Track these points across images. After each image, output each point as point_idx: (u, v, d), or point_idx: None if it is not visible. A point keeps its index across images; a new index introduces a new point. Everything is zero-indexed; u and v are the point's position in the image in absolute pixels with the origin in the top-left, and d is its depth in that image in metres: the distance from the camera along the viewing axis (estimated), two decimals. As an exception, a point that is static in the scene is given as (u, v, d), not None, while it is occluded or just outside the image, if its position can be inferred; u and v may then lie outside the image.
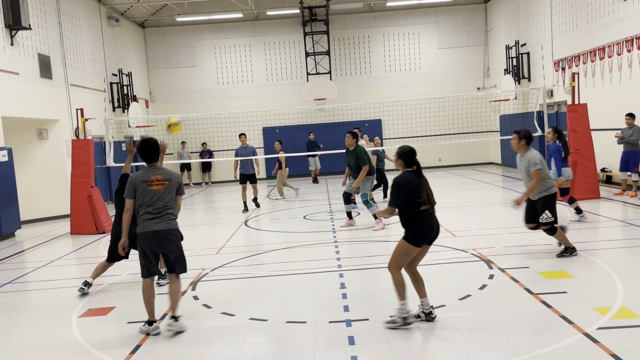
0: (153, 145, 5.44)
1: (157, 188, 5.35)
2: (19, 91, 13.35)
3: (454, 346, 4.61)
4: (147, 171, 5.42)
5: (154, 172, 5.40)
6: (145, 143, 5.42)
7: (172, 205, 5.44)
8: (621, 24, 13.28)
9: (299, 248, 9.01)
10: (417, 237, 5.08)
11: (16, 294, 7.43)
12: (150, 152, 5.43)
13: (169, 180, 5.41)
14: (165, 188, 5.37)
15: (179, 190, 5.51)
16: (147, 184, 5.35)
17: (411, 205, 5.07)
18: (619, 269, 6.52)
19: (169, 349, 4.98)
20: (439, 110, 19.86)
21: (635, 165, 11.92)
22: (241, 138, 13.68)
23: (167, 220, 5.38)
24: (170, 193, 5.42)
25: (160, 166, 5.56)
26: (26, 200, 14.29)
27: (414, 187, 5.06)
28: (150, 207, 5.34)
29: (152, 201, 5.33)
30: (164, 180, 5.38)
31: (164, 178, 5.39)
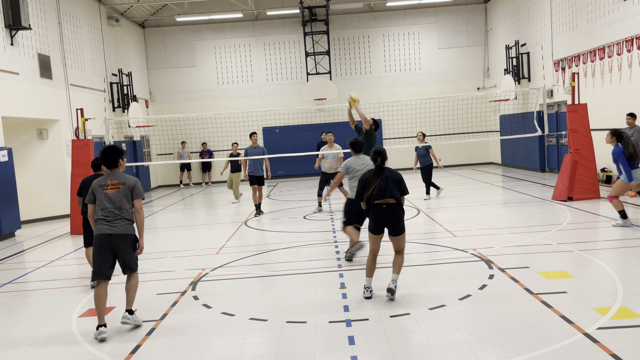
0: (112, 152, 5.63)
1: (111, 192, 5.54)
2: (19, 91, 13.34)
3: (454, 346, 4.61)
4: (106, 176, 5.62)
5: (110, 177, 5.60)
6: (105, 150, 5.67)
7: (126, 208, 5.55)
8: (621, 24, 13.28)
9: (299, 248, 9.01)
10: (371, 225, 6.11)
11: (16, 294, 7.43)
12: (107, 157, 5.63)
13: (123, 184, 5.57)
14: (118, 191, 5.53)
15: (135, 193, 5.59)
16: (103, 188, 5.56)
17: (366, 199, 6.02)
18: (619, 269, 6.52)
19: (169, 349, 4.98)
20: (439, 110, 19.86)
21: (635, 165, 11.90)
22: (252, 137, 13.00)
23: (120, 224, 5.50)
24: (124, 196, 5.55)
25: (120, 172, 5.68)
26: (26, 200, 14.29)
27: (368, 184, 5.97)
28: (104, 210, 5.51)
29: (106, 204, 5.51)
30: (118, 184, 5.56)
31: (118, 182, 5.57)
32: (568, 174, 12.00)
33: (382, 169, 5.98)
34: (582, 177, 11.95)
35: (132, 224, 5.60)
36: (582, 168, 11.98)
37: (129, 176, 5.66)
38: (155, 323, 5.70)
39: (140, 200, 5.63)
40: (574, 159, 12.02)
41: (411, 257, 7.88)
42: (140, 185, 5.67)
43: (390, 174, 6.00)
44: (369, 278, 6.09)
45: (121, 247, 5.52)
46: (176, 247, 9.97)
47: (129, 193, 5.58)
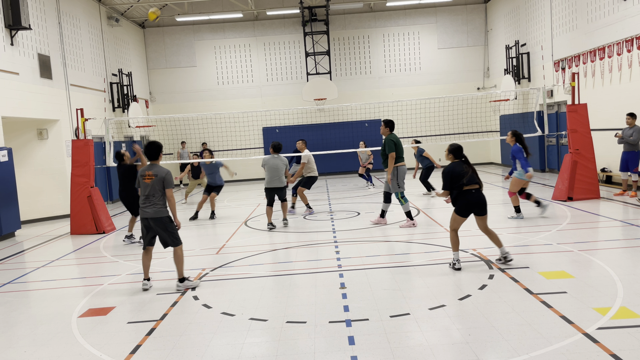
0: (154, 147, 6.91)
1: (147, 181, 6.79)
2: (19, 91, 13.35)
3: (454, 346, 4.61)
4: (146, 167, 6.87)
5: (149, 168, 6.83)
6: (148, 145, 6.92)
7: (158, 195, 6.76)
8: (621, 24, 13.28)
9: (299, 248, 9.01)
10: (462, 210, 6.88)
11: (16, 294, 7.43)
12: (149, 151, 6.91)
13: (156, 175, 6.78)
14: (152, 181, 6.76)
15: (165, 184, 6.76)
16: (143, 177, 6.83)
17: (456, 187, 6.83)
18: (619, 269, 6.52)
19: (169, 349, 4.98)
20: (439, 110, 19.87)
21: (635, 165, 11.91)
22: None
23: (153, 208, 6.76)
24: (157, 185, 6.75)
25: (157, 164, 6.90)
26: (26, 200, 14.29)
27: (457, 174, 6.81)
28: (142, 196, 6.83)
29: (144, 191, 6.81)
30: (152, 175, 6.79)
31: (152, 173, 6.80)
32: (568, 174, 12.00)
33: (467, 160, 6.96)
34: (582, 177, 11.95)
35: (164, 208, 6.78)
36: (582, 168, 11.97)
37: (162, 169, 6.82)
38: (155, 323, 5.70)
39: (170, 189, 6.78)
40: (574, 159, 12.02)
41: (411, 257, 7.89)
42: (170, 177, 6.79)
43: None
44: (457, 252, 6.99)
45: (156, 227, 6.79)
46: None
47: (161, 183, 6.74)
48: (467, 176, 6.81)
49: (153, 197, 6.74)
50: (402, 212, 11.22)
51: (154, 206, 6.74)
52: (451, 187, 6.86)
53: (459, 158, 7.01)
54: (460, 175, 6.82)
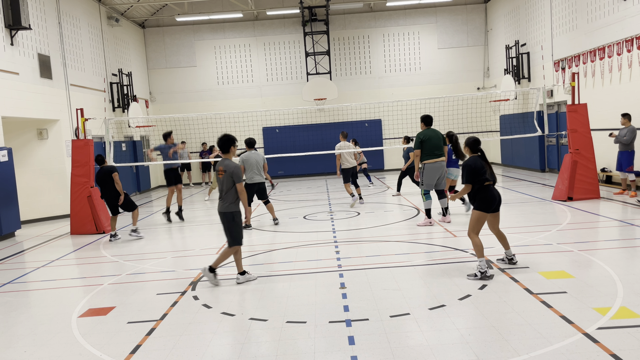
0: (225, 140, 6.96)
1: (220, 176, 6.92)
2: (19, 91, 13.34)
3: (454, 346, 4.61)
4: (219, 162, 6.98)
5: (221, 163, 6.94)
6: (221, 138, 6.99)
7: (229, 190, 6.86)
8: (621, 24, 13.28)
9: (299, 248, 9.01)
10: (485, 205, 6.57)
11: (16, 294, 7.43)
12: (221, 144, 6.97)
13: (225, 171, 6.88)
14: (223, 176, 6.88)
15: (234, 178, 6.83)
16: (217, 173, 6.97)
17: (478, 181, 6.57)
18: (619, 269, 6.52)
19: (169, 349, 4.98)
20: (439, 110, 19.84)
21: (628, 165, 11.99)
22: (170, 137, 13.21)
23: (224, 203, 6.89)
24: (227, 180, 6.87)
25: (227, 159, 6.98)
26: (26, 200, 14.29)
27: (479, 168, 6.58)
28: (219, 191, 6.99)
29: (220, 187, 6.96)
30: (223, 170, 6.89)
31: (223, 168, 6.89)
32: (568, 174, 12.00)
33: (484, 154, 6.77)
34: (582, 177, 11.96)
35: (232, 204, 6.86)
36: (582, 168, 11.98)
37: (231, 163, 6.90)
38: (155, 323, 5.70)
39: (240, 183, 6.86)
40: (574, 159, 12.02)
41: (411, 257, 7.88)
42: (238, 171, 6.87)
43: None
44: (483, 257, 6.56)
45: (223, 221, 6.94)
46: (176, 247, 9.97)
47: (231, 178, 6.84)
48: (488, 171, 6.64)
49: (224, 193, 6.86)
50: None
51: (224, 201, 6.87)
52: (474, 182, 6.61)
53: (475, 152, 6.78)
54: (482, 169, 6.61)
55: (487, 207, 6.59)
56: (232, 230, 6.87)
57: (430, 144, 9.86)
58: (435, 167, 9.94)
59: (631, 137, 11.86)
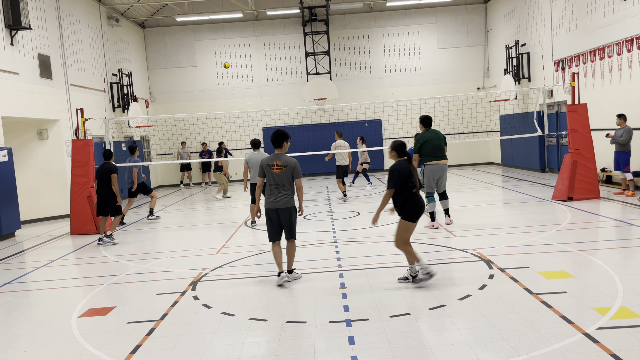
0: (279, 135, 6.75)
1: (276, 171, 6.65)
2: (19, 91, 13.34)
3: (454, 346, 4.61)
4: (272, 157, 6.74)
5: (276, 158, 6.70)
6: (274, 133, 6.76)
7: (288, 186, 6.67)
8: (621, 24, 13.28)
9: (299, 248, 9.00)
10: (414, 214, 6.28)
11: (16, 294, 7.43)
12: (274, 139, 6.75)
13: (286, 166, 6.66)
14: (282, 172, 6.64)
15: (295, 174, 6.68)
16: (270, 167, 6.68)
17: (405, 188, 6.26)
18: (619, 269, 6.52)
19: (169, 349, 4.98)
20: (439, 110, 19.85)
21: (624, 164, 12.03)
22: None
23: (282, 199, 6.66)
24: (286, 176, 6.65)
25: (283, 154, 6.76)
26: (26, 200, 14.29)
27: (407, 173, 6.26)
28: (270, 186, 6.69)
29: (272, 181, 6.68)
30: (282, 166, 6.65)
31: (282, 164, 6.65)
32: (568, 174, 12.01)
33: (410, 159, 6.43)
34: (582, 177, 11.96)
35: (292, 198, 6.73)
36: (582, 168, 11.98)
37: (290, 158, 6.71)
38: (155, 323, 5.70)
39: (300, 179, 6.72)
40: (574, 159, 12.02)
41: (411, 257, 7.88)
42: (299, 167, 6.71)
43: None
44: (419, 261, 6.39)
45: (283, 218, 6.72)
46: (176, 247, 9.97)
47: (291, 173, 6.66)
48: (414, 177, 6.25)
49: (282, 188, 6.65)
50: None
51: (284, 197, 6.66)
52: (400, 187, 6.23)
53: (402, 156, 6.39)
54: (410, 174, 6.25)
55: (416, 217, 6.30)
56: (292, 225, 6.77)
57: (430, 145, 9.68)
58: (435, 169, 9.75)
59: (628, 137, 11.93)
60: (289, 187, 6.69)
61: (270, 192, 6.71)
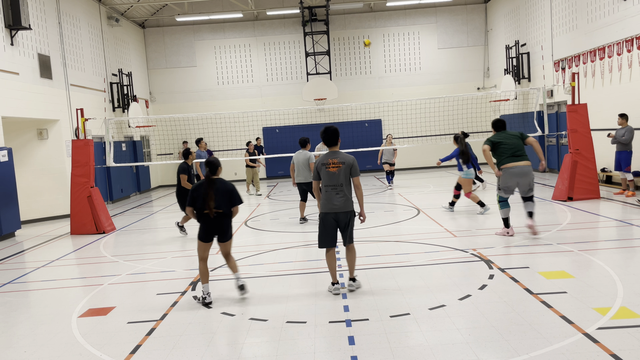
0: (332, 132, 6.21)
1: (332, 170, 6.10)
2: (19, 91, 13.35)
3: (454, 346, 4.61)
4: (327, 155, 6.18)
5: (332, 156, 6.15)
6: (326, 130, 6.24)
7: (345, 185, 6.12)
8: (621, 24, 13.28)
9: (299, 248, 9.01)
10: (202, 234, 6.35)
11: (16, 294, 7.43)
12: (328, 137, 6.22)
13: (343, 163, 6.09)
14: (339, 170, 6.09)
15: (353, 172, 6.11)
16: (325, 166, 6.13)
17: (197, 209, 6.24)
18: (619, 269, 6.52)
19: (169, 349, 4.98)
20: (439, 110, 19.87)
21: (626, 164, 12.03)
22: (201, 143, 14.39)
23: (340, 201, 6.10)
24: (344, 174, 6.10)
25: (339, 151, 6.21)
26: (26, 200, 14.29)
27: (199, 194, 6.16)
28: (327, 187, 6.14)
29: (328, 181, 6.13)
30: (339, 164, 6.09)
31: (338, 161, 6.11)
32: (568, 174, 12.01)
33: (212, 180, 6.21)
34: (582, 177, 11.96)
35: (350, 200, 6.16)
36: (582, 168, 11.98)
37: (347, 155, 6.15)
38: (155, 323, 5.70)
39: (358, 177, 6.15)
40: (574, 159, 12.03)
41: (411, 257, 7.88)
42: (357, 164, 6.16)
43: (222, 185, 6.23)
44: (207, 284, 6.32)
45: (341, 222, 6.16)
46: (176, 247, 9.96)
47: (349, 171, 6.10)
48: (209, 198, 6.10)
49: (341, 188, 6.09)
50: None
51: (343, 198, 6.10)
52: (194, 206, 6.23)
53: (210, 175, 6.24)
54: (203, 196, 6.14)
55: (205, 237, 6.35)
56: (352, 228, 6.22)
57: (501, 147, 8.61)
58: (512, 172, 8.56)
59: (629, 137, 11.93)
60: (347, 187, 6.13)
61: (327, 193, 6.14)
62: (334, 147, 6.23)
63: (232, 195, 6.23)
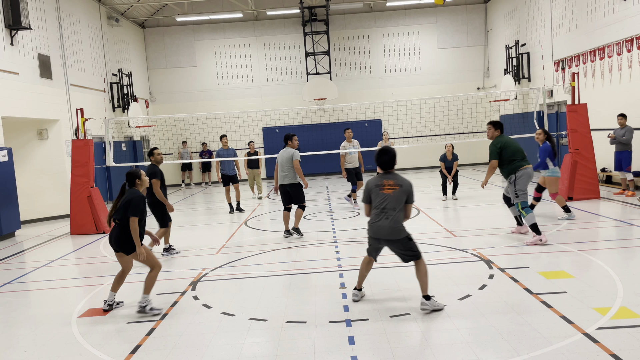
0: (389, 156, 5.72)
1: (387, 192, 5.62)
2: (19, 91, 13.34)
3: (454, 346, 4.61)
4: (381, 177, 5.72)
5: (387, 177, 5.68)
6: (380, 152, 5.75)
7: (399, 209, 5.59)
8: (621, 24, 13.28)
9: (299, 248, 9.01)
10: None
11: (16, 294, 7.43)
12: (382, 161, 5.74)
13: (400, 186, 5.62)
14: (395, 192, 5.60)
15: (409, 198, 5.65)
16: (380, 188, 5.65)
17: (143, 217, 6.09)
18: (619, 269, 6.52)
19: (169, 349, 4.98)
20: (439, 110, 19.86)
21: (627, 164, 12.04)
22: (223, 140, 14.18)
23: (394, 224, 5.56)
24: (398, 198, 5.59)
25: (395, 173, 5.74)
26: (26, 200, 14.29)
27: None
28: (377, 209, 5.64)
29: (381, 204, 5.62)
30: (395, 186, 5.62)
31: (395, 183, 5.64)
32: (568, 174, 12.01)
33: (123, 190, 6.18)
34: (582, 177, 11.97)
35: (399, 228, 5.59)
36: (582, 168, 11.98)
37: (405, 179, 5.70)
38: (155, 323, 5.70)
39: (411, 205, 5.68)
40: (574, 159, 12.03)
41: (411, 257, 7.88)
42: (413, 190, 5.68)
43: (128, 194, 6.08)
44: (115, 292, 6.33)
45: (393, 247, 5.70)
46: (176, 247, 9.96)
47: (404, 196, 5.62)
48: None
49: (391, 212, 5.55)
50: None
51: (391, 224, 5.55)
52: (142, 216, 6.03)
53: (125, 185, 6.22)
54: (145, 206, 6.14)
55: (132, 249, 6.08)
56: (413, 246, 5.66)
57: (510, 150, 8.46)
58: (526, 174, 8.45)
59: (630, 136, 11.95)
60: (399, 213, 5.57)
61: (375, 217, 5.66)
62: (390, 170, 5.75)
63: (128, 206, 5.95)
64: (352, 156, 12.96)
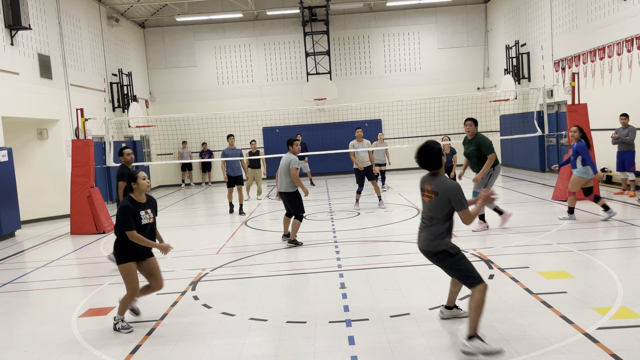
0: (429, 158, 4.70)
1: (426, 199, 4.77)
2: (19, 91, 13.35)
3: (454, 346, 4.61)
4: (424, 179, 4.86)
5: (430, 181, 4.74)
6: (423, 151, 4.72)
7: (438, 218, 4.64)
8: (621, 24, 13.28)
9: (299, 248, 9.01)
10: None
11: (16, 294, 7.43)
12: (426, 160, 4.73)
13: (436, 193, 4.62)
14: (431, 200, 4.68)
15: (455, 204, 4.56)
16: (422, 192, 4.87)
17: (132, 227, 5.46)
18: (619, 269, 6.52)
19: (169, 349, 4.98)
20: (439, 110, 19.87)
21: (631, 164, 12.03)
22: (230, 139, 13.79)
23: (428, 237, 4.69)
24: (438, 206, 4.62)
25: (438, 174, 4.74)
26: (26, 200, 14.29)
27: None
28: (422, 218, 4.85)
29: (423, 212, 4.85)
30: (432, 192, 4.67)
31: (433, 189, 4.66)
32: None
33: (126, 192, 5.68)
34: (582, 177, 11.94)
35: (436, 240, 4.64)
36: (582, 168, 11.96)
37: (447, 182, 4.60)
38: (155, 323, 5.70)
39: (464, 211, 4.58)
40: (574, 159, 12.01)
41: (411, 257, 7.88)
42: (460, 194, 4.55)
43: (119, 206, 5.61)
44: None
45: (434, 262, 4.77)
46: (176, 247, 9.96)
47: (447, 202, 4.58)
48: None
49: (429, 222, 4.71)
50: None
51: (428, 233, 4.70)
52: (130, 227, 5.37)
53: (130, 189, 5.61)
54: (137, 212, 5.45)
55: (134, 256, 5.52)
56: (460, 266, 4.63)
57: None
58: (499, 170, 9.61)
59: (634, 136, 11.94)
60: (439, 223, 4.64)
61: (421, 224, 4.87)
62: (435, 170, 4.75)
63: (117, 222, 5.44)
64: (362, 156, 12.60)
